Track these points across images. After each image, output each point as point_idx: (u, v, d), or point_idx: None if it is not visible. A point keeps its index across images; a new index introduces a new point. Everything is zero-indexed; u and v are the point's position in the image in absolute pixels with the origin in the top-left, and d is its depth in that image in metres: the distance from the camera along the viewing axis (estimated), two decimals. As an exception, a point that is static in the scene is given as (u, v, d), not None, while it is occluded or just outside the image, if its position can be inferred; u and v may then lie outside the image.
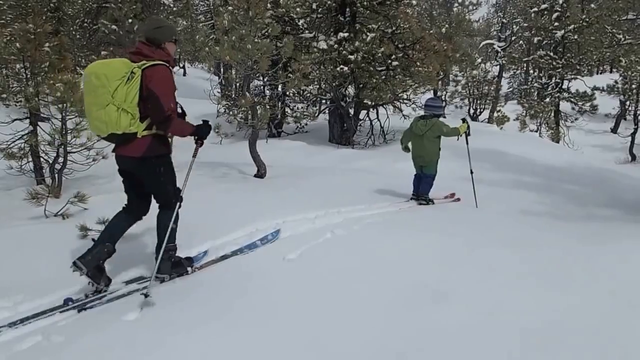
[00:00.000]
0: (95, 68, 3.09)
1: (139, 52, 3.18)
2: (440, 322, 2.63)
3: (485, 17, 36.39)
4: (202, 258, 3.73)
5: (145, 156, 3.16)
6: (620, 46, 16.67)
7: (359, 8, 11.87)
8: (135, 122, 3.07)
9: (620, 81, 21.58)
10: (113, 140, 3.18)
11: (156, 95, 3.05)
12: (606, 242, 4.02)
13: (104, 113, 3.00)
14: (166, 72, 3.17)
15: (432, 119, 5.85)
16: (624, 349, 2.42)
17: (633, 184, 8.98)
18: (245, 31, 6.82)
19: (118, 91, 3.00)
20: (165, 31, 3.30)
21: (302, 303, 2.87)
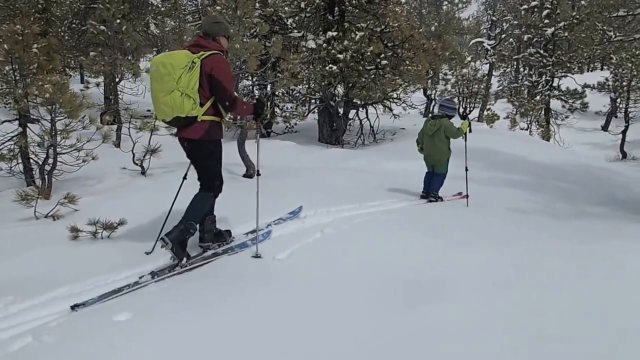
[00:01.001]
0: (161, 58, 3.50)
1: (197, 44, 3.58)
2: (428, 322, 2.68)
3: (474, 15, 36.56)
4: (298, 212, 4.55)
5: (203, 139, 3.60)
6: (610, 43, 16.77)
7: (347, 7, 11.91)
8: (196, 107, 3.48)
9: (610, 78, 21.74)
10: (176, 123, 3.58)
11: (219, 80, 3.48)
12: (595, 241, 4.08)
13: (170, 98, 3.42)
14: (223, 60, 3.57)
15: (442, 119, 6.03)
16: (612, 351, 2.47)
17: (624, 181, 9.05)
18: (233, 31, 6.84)
19: (182, 78, 3.40)
20: (221, 26, 3.73)
21: (291, 303, 2.90)
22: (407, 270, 3.39)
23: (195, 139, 3.59)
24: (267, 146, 10.86)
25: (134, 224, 4.14)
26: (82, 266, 3.43)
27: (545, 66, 21.97)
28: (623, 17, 14.87)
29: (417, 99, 20.51)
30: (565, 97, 22.02)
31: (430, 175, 6.21)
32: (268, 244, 3.97)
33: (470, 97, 19.66)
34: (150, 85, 3.58)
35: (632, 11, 14.35)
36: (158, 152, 6.52)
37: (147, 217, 4.49)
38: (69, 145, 5.58)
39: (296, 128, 13.81)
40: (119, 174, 6.43)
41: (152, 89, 3.57)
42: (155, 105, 3.59)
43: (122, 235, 4.03)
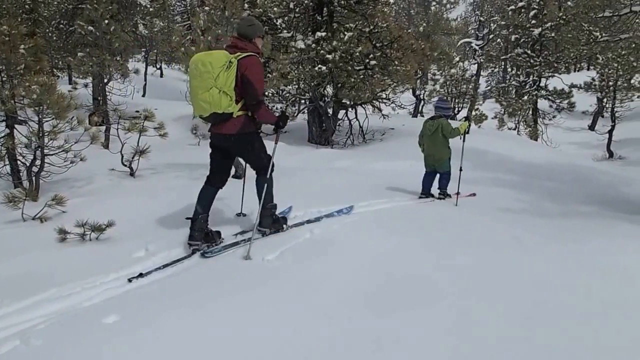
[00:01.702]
0: (201, 57, 3.70)
1: (235, 45, 3.82)
2: (415, 323, 2.70)
3: (462, 16, 36.81)
4: (288, 212, 4.70)
5: (240, 133, 3.83)
6: (597, 43, 16.96)
7: (336, 7, 11.95)
8: (232, 104, 3.72)
9: (597, 78, 21.99)
10: (213, 119, 3.80)
11: (251, 81, 3.70)
12: (583, 242, 4.12)
13: (208, 95, 3.64)
14: (258, 62, 3.80)
15: (440, 119, 6.18)
16: (594, 352, 2.52)
17: (610, 180, 9.13)
18: (222, 31, 6.85)
19: (220, 76, 3.62)
20: (255, 28, 3.93)
21: (280, 304, 2.91)
22: (397, 271, 3.41)
23: (232, 134, 3.83)
24: (256, 147, 10.88)
25: (122, 225, 4.13)
26: (70, 268, 3.42)
27: (533, 66, 22.20)
28: (609, 18, 15.06)
29: (406, 99, 20.60)
30: (553, 97, 22.27)
31: (430, 176, 6.31)
32: (258, 244, 3.97)
33: (459, 97, 19.84)
34: (189, 82, 3.83)
35: (617, 12, 14.56)
36: (147, 153, 6.51)
37: (136, 218, 4.49)
38: (56, 146, 5.55)
39: (285, 128, 13.75)
40: (108, 175, 6.41)
41: (191, 86, 3.80)
42: (193, 101, 3.81)
43: (111, 237, 4.03)
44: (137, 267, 3.45)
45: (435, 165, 6.26)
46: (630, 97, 21.53)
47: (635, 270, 3.48)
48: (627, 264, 3.58)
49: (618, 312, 2.86)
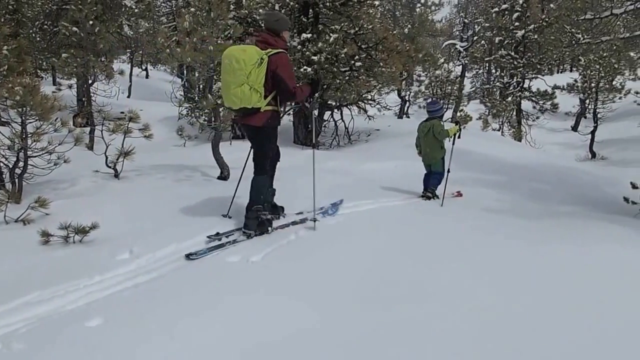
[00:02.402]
0: (235, 53, 3.91)
1: (265, 40, 4.06)
2: (398, 324, 2.74)
3: (447, 18, 37.20)
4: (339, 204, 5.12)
5: (264, 126, 4.15)
6: (579, 45, 17.23)
7: (321, 9, 11.98)
8: (261, 99, 3.99)
9: (579, 80, 22.34)
10: (242, 112, 4.08)
11: (283, 78, 3.99)
12: (567, 242, 4.18)
13: (240, 91, 3.90)
14: (287, 59, 4.10)
15: (433, 120, 6.45)
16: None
17: (593, 181, 9.25)
18: (207, 32, 6.85)
19: (252, 74, 3.87)
20: (282, 22, 4.19)
21: (263, 306, 2.93)
22: (379, 272, 3.43)
23: (258, 126, 4.14)
24: (241, 148, 10.82)
25: (106, 227, 4.12)
26: (53, 271, 3.40)
27: (516, 68, 22.49)
28: (591, 20, 15.32)
29: (392, 100, 20.73)
30: (536, 98, 22.56)
31: (429, 175, 6.54)
32: (242, 245, 3.99)
33: (444, 98, 20.02)
34: (222, 76, 4.08)
35: (599, 14, 14.82)
36: (131, 154, 6.48)
37: (120, 220, 4.48)
38: (40, 148, 5.50)
39: (271, 130, 13.81)
40: (92, 177, 6.37)
41: (223, 80, 4.06)
42: (225, 95, 4.09)
43: (95, 240, 4.01)
44: (121, 269, 3.45)
45: (431, 164, 6.51)
46: (611, 98, 21.91)
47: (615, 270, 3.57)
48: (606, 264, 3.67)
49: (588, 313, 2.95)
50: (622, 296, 3.12)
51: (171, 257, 3.72)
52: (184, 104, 10.44)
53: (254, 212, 4.21)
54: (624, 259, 3.75)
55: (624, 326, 2.74)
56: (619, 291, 3.19)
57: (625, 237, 4.45)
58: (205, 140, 11.49)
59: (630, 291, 3.21)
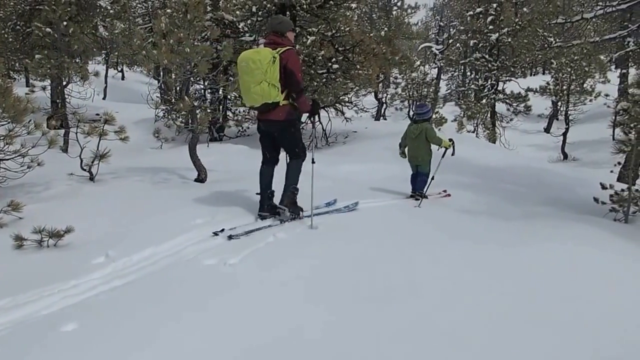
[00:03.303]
0: (250, 55, 4.28)
1: (274, 41, 4.44)
2: (376, 328, 2.77)
3: (423, 21, 37.70)
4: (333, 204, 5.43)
5: (285, 119, 4.48)
6: (551, 49, 17.77)
7: (298, 11, 12.02)
8: (278, 94, 4.34)
9: (551, 83, 22.94)
10: (263, 108, 4.41)
11: (293, 71, 4.33)
12: (534, 243, 4.28)
13: (260, 88, 4.26)
14: (295, 54, 4.45)
15: (423, 123, 6.62)
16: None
17: (566, 182, 9.46)
18: (184, 34, 6.81)
19: (268, 71, 4.22)
20: (285, 24, 4.56)
21: (245, 309, 2.92)
22: (357, 275, 3.45)
23: (279, 120, 4.47)
24: (219, 150, 10.81)
25: (81, 231, 4.07)
26: (26, 276, 3.36)
27: (491, 70, 22.95)
28: (562, 24, 15.72)
29: (369, 103, 20.89)
30: (510, 101, 23.06)
31: (416, 176, 6.69)
32: (221, 247, 3.98)
33: (420, 101, 20.26)
34: (240, 78, 4.42)
35: (570, 19, 15.25)
36: (107, 157, 6.40)
37: (96, 224, 4.42)
38: (12, 151, 5.39)
39: (249, 132, 13.79)
40: (66, 180, 6.26)
41: (242, 81, 4.39)
42: (245, 95, 4.43)
43: (70, 244, 3.96)
44: (96, 273, 3.41)
45: (418, 166, 6.68)
46: (582, 100, 22.56)
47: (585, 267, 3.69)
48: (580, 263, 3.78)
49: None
50: (588, 292, 3.24)
51: (148, 260, 3.69)
52: (160, 106, 10.35)
53: (291, 190, 4.73)
54: (592, 258, 3.86)
55: (596, 319, 2.86)
56: (585, 287, 3.31)
57: (594, 237, 4.59)
58: (182, 142, 11.39)
59: (595, 287, 3.33)
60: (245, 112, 13.50)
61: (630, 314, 2.99)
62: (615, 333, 2.75)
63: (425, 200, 6.32)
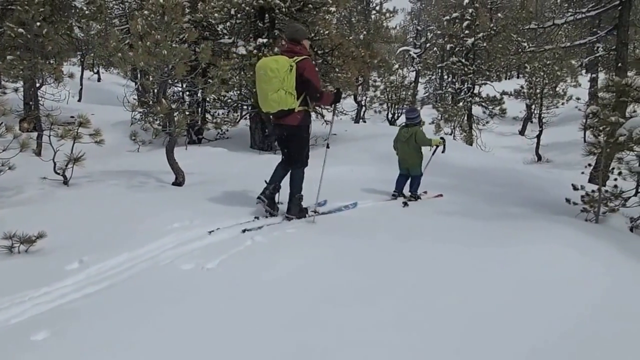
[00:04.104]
0: (268, 64, 4.50)
1: (291, 50, 4.69)
2: (352, 333, 2.78)
3: (401, 25, 37.97)
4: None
5: (299, 124, 4.75)
6: (524, 53, 18.18)
7: (277, 14, 12.01)
8: (294, 101, 4.58)
9: (525, 86, 23.45)
10: (280, 114, 4.66)
11: (310, 80, 4.59)
12: (507, 244, 4.36)
13: (277, 95, 4.49)
14: (312, 63, 4.74)
15: (414, 127, 6.79)
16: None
17: (540, 183, 9.64)
18: (161, 36, 6.74)
19: (285, 80, 4.44)
20: (301, 33, 4.83)
21: (220, 314, 2.90)
22: (334, 279, 3.45)
23: (294, 125, 4.73)
24: (198, 153, 10.72)
25: (54, 237, 3.97)
26: (-4, 283, 3.27)
27: (467, 74, 23.34)
28: (535, 30, 16.10)
29: (348, 105, 20.98)
30: (486, 104, 23.50)
31: (404, 178, 6.86)
32: (199, 252, 3.94)
33: (398, 103, 20.47)
34: (258, 85, 4.65)
35: (542, 24, 15.62)
36: (81, 160, 6.29)
37: (69, 229, 4.33)
38: (-19, 155, 5.27)
39: (228, 134, 13.71)
40: (39, 184, 6.13)
41: (260, 88, 4.63)
42: (263, 101, 4.66)
43: (42, 249, 3.87)
44: (69, 279, 3.34)
45: (409, 168, 6.81)
46: (555, 103, 23.12)
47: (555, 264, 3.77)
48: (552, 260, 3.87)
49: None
50: (556, 288, 3.35)
51: (123, 266, 3.63)
52: (136, 108, 10.21)
53: (296, 199, 4.94)
54: (563, 256, 3.95)
55: (562, 315, 2.92)
56: (554, 284, 3.41)
57: (565, 236, 4.68)
58: (160, 145, 11.25)
59: (562, 284, 3.43)
60: (224, 114, 13.41)
61: (599, 309, 3.09)
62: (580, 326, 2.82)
63: (412, 201, 6.55)
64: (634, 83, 5.38)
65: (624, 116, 5.62)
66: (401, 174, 6.91)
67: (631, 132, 5.32)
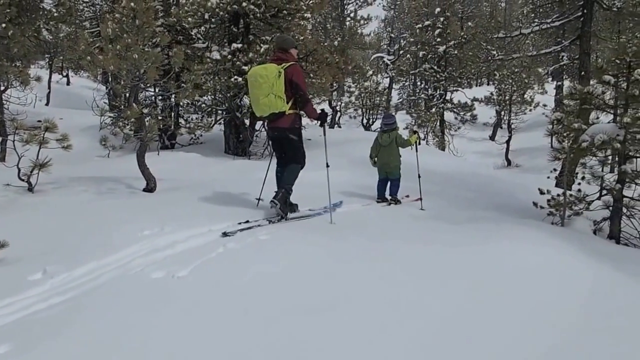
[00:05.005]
0: (258, 71, 4.84)
1: (279, 57, 5.03)
2: (320, 339, 2.78)
3: (375, 32, 38.42)
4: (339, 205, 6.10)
5: (290, 126, 5.07)
6: (494, 61, 18.68)
7: (252, 20, 12.00)
8: (284, 104, 4.89)
9: (495, 93, 24.07)
10: (271, 117, 4.98)
11: (298, 84, 4.90)
12: (478, 244, 4.48)
13: (267, 100, 4.81)
14: (300, 69, 5.06)
15: (393, 132, 7.05)
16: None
17: (509, 188, 9.85)
18: (132, 40, 6.63)
19: (274, 85, 4.75)
20: (288, 42, 5.21)
21: (191, 324, 2.85)
22: (307, 286, 3.43)
23: (285, 127, 5.04)
24: (170, 158, 10.57)
25: (17, 245, 3.84)
26: (-45, 294, 3.14)
27: (439, 81, 23.80)
28: (503, 39, 16.53)
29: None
30: (457, 110, 24.02)
31: (384, 182, 7.07)
32: (169, 260, 3.86)
33: (373, 109, 20.67)
34: (250, 91, 4.99)
35: (510, 33, 16.06)
36: (48, 166, 6.11)
37: (33, 238, 4.20)
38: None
39: (201, 139, 13.58)
40: (2, 191, 5.94)
41: (252, 94, 4.97)
42: (255, 106, 4.99)
43: (4, 259, 3.73)
44: (33, 290, 3.23)
45: (388, 172, 7.03)
46: (523, 110, 23.78)
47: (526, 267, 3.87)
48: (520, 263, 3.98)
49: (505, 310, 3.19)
50: (519, 288, 3.50)
51: (90, 275, 3.52)
52: (106, 113, 10.01)
53: (285, 190, 5.15)
54: (529, 256, 4.11)
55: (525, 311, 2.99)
56: (522, 284, 3.57)
57: (532, 238, 4.80)
58: (131, 150, 11.05)
59: (525, 284, 3.59)
60: (198, 119, 13.28)
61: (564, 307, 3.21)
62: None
63: (393, 204, 6.79)
64: (595, 91, 5.57)
65: (587, 123, 5.81)
66: (380, 179, 7.10)
67: (593, 138, 5.50)
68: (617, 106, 5.94)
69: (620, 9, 13.09)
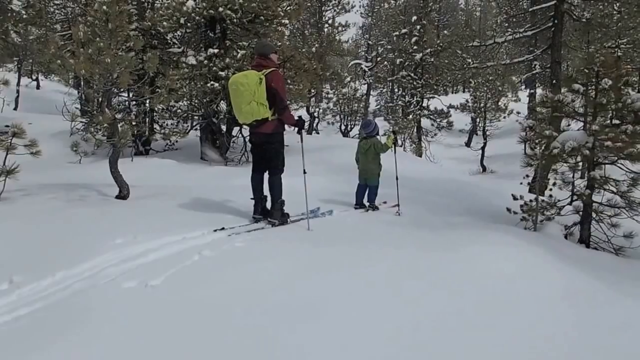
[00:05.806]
0: (239, 79, 4.81)
1: (259, 64, 5.01)
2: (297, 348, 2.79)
3: (353, 39, 38.80)
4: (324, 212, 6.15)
5: (273, 132, 5.07)
6: (469, 69, 19.03)
7: (229, 25, 11.94)
8: (267, 110, 4.90)
9: (470, 100, 24.50)
10: (254, 123, 4.97)
11: (277, 90, 4.89)
12: (453, 249, 4.50)
13: (249, 107, 4.80)
14: (280, 75, 5.08)
15: (372, 138, 7.07)
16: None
17: (484, 194, 9.96)
18: (104, 44, 6.51)
19: (256, 92, 4.74)
20: (268, 47, 5.21)
21: (164, 334, 2.79)
22: (284, 294, 3.40)
23: (269, 133, 5.05)
24: (144, 164, 10.39)
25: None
26: None
27: (416, 88, 24.11)
28: (478, 47, 16.87)
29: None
30: (434, 116, 24.35)
31: (363, 188, 7.05)
32: (142, 269, 3.77)
33: (351, 115, 20.78)
34: (232, 100, 4.95)
35: (484, 42, 16.38)
36: (15, 173, 5.93)
37: None
38: None
39: (177, 145, 13.40)
40: (-33, 198, 5.74)
41: (234, 102, 4.93)
42: (238, 114, 4.99)
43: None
44: (-1, 301, 3.12)
45: (366, 179, 7.03)
46: (498, 117, 24.24)
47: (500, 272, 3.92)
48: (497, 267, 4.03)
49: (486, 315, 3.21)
50: (492, 290, 3.55)
51: (59, 285, 3.42)
52: (77, 118, 9.77)
53: (278, 205, 5.24)
54: (497, 262, 4.16)
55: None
56: (490, 286, 3.59)
57: (504, 242, 4.87)
58: (103, 156, 10.83)
59: (498, 288, 3.64)
60: (173, 125, 13.11)
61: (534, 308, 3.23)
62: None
63: (371, 210, 6.80)
64: (565, 99, 5.70)
65: (558, 130, 5.95)
66: (360, 184, 7.12)
67: (564, 145, 5.63)
68: (586, 114, 6.10)
69: (589, 20, 13.52)
